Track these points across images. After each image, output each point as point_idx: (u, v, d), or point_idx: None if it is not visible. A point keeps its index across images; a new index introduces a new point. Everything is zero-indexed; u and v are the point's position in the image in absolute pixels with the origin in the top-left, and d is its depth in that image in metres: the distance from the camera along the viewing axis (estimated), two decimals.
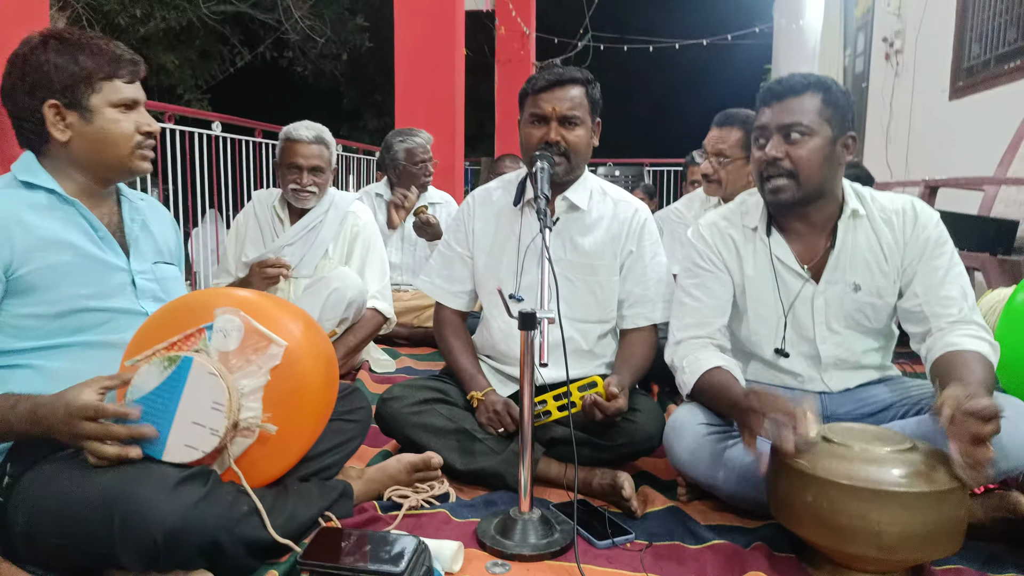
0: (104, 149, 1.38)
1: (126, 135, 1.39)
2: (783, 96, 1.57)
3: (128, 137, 1.39)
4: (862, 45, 6.27)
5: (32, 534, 1.17)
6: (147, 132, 1.42)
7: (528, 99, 1.83)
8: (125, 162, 1.41)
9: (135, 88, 1.41)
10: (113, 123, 1.38)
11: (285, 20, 11.44)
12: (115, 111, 1.38)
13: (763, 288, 1.67)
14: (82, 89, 1.35)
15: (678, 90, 15.51)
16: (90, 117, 1.36)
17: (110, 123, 1.38)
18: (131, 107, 1.41)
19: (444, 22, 5.11)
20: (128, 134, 1.39)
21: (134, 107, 1.41)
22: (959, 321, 1.52)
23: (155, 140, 1.45)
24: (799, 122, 1.54)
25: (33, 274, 1.28)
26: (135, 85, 1.42)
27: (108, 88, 1.37)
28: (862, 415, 1.63)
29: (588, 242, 1.88)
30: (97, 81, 1.36)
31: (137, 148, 1.41)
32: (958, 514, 1.19)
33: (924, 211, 1.62)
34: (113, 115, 1.38)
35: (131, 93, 1.40)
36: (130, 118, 1.40)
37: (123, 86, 1.39)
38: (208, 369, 1.21)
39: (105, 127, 1.37)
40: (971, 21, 4.43)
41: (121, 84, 1.39)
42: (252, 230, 2.64)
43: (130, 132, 1.39)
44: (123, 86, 1.39)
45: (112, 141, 1.38)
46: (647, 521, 1.54)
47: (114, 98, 1.38)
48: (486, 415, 1.74)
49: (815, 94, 1.55)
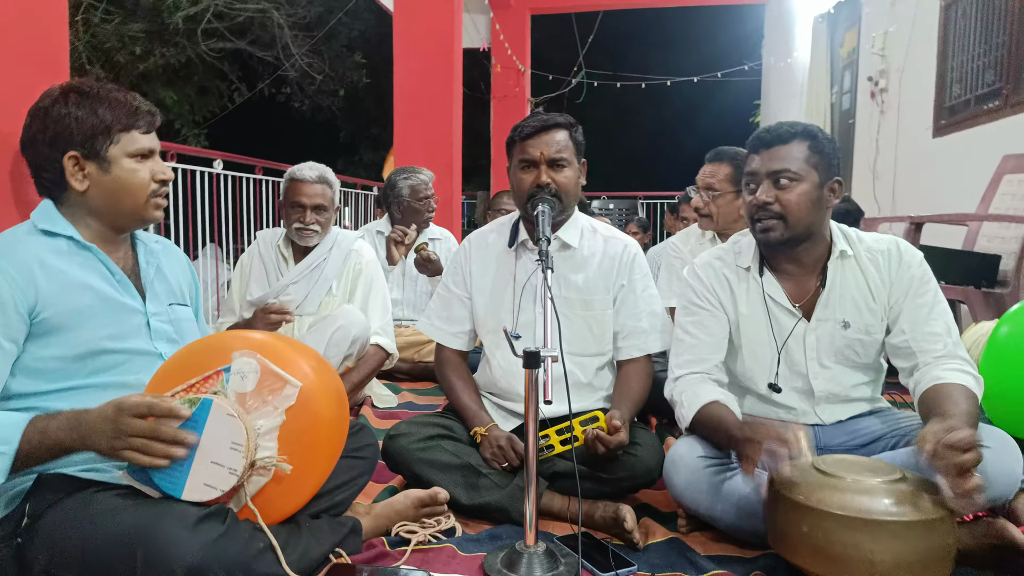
0: (121, 198, 1.42)
1: (142, 184, 1.43)
2: (771, 144, 1.65)
3: (144, 186, 1.43)
4: (848, 83, 6.43)
5: (53, 572, 1.20)
6: (162, 180, 1.46)
7: (516, 146, 1.90)
8: (139, 211, 1.44)
9: (151, 138, 1.46)
10: (130, 173, 1.42)
11: (284, 58, 11.63)
12: (132, 161, 1.42)
13: (756, 326, 1.74)
14: (101, 140, 1.39)
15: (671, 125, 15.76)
16: (108, 167, 1.40)
17: (127, 173, 1.42)
18: (147, 156, 1.45)
19: (442, 60, 5.22)
20: (144, 183, 1.43)
21: (150, 156, 1.45)
22: (944, 356, 1.59)
23: (167, 189, 1.49)
24: (788, 169, 1.62)
25: (56, 317, 1.32)
26: (151, 135, 1.46)
27: (126, 139, 1.41)
28: (854, 446, 1.68)
29: (581, 279, 1.94)
30: (116, 133, 1.40)
31: (152, 196, 1.45)
32: (947, 541, 1.24)
33: (908, 251, 1.70)
34: (130, 165, 1.42)
35: (148, 143, 1.44)
36: (146, 167, 1.44)
37: (140, 137, 1.43)
38: (227, 411, 1.25)
39: (122, 176, 1.41)
40: (951, 62, 4.58)
41: (138, 135, 1.43)
42: (256, 269, 2.69)
43: (146, 181, 1.43)
44: (140, 137, 1.43)
45: (129, 191, 1.42)
46: (649, 553, 1.58)
47: (131, 148, 1.42)
48: (490, 450, 1.78)
49: (802, 142, 1.63)
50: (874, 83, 5.48)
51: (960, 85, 4.47)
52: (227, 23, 11.23)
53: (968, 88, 4.36)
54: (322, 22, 11.73)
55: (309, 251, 2.65)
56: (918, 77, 4.89)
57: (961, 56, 4.45)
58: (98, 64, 9.82)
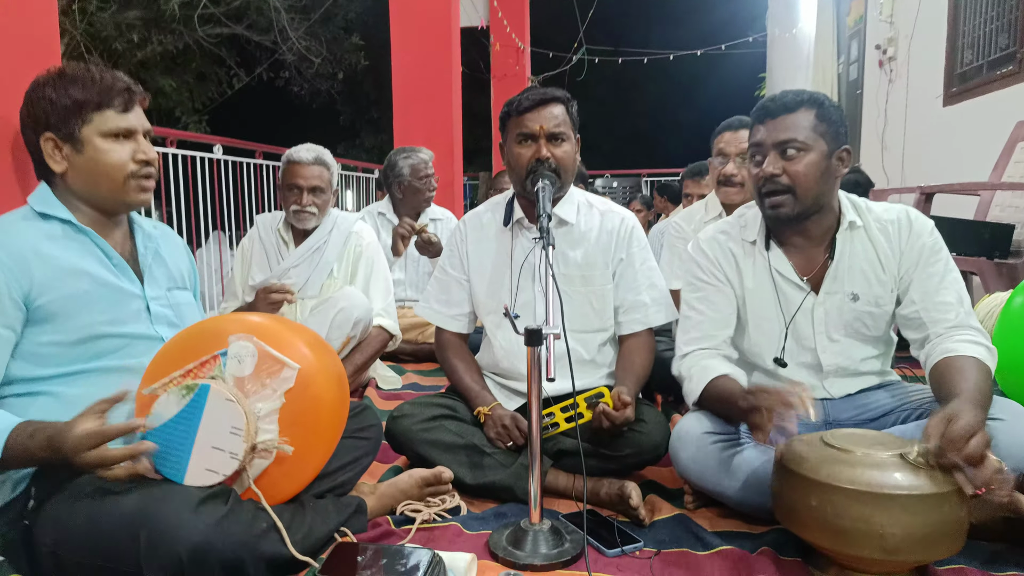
0: (97, 180, 1.38)
1: (117, 165, 1.37)
2: (777, 113, 1.60)
3: (120, 167, 1.37)
4: (855, 53, 6.33)
5: (60, 554, 1.20)
6: (143, 161, 1.39)
7: (512, 120, 1.86)
8: (119, 194, 1.39)
9: (130, 117, 1.39)
10: (104, 153, 1.37)
11: (281, 42, 11.55)
12: (106, 141, 1.37)
13: (763, 300, 1.71)
14: (74, 121, 1.36)
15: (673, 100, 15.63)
16: (82, 148, 1.37)
17: (101, 153, 1.37)
18: (127, 136, 1.39)
19: (440, 40, 5.17)
20: (120, 163, 1.37)
21: (130, 136, 1.39)
22: (956, 326, 1.55)
23: (154, 169, 1.43)
24: (794, 138, 1.58)
25: (52, 303, 1.31)
26: (132, 113, 1.40)
27: (99, 119, 1.36)
28: (863, 420, 1.66)
29: (579, 254, 1.92)
30: (88, 112, 1.36)
31: (131, 178, 1.39)
32: (959, 515, 1.22)
33: (919, 220, 1.66)
34: (104, 145, 1.37)
35: (124, 123, 1.38)
36: (125, 147, 1.38)
37: (114, 115, 1.37)
38: (225, 395, 1.24)
39: (96, 157, 1.37)
40: (963, 28, 4.49)
41: (113, 114, 1.37)
42: (258, 254, 2.68)
43: (123, 161, 1.38)
44: (114, 115, 1.37)
45: (103, 172, 1.37)
46: (655, 529, 1.57)
47: (104, 128, 1.37)
48: (494, 429, 1.77)
49: (808, 110, 1.59)
50: (882, 51, 5.39)
51: (972, 51, 4.38)
52: (223, 8, 11.14)
53: (980, 53, 4.27)
54: (318, 4, 11.62)
55: (309, 234, 2.63)
56: (928, 44, 4.80)
57: (973, 20, 4.36)
58: (96, 53, 9.76)
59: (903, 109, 5.12)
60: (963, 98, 4.40)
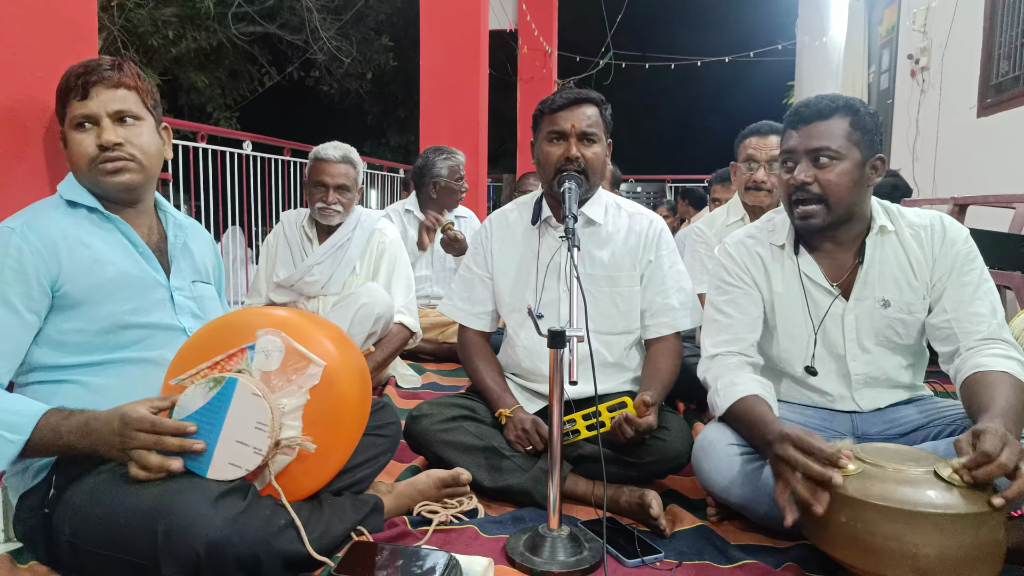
0: (75, 169, 1.40)
1: (81, 153, 1.37)
2: (810, 120, 1.56)
3: (83, 155, 1.37)
4: (887, 62, 6.24)
5: (77, 544, 1.21)
6: (100, 145, 1.36)
7: (544, 119, 1.86)
8: (91, 180, 1.39)
9: (89, 103, 1.36)
10: (72, 143, 1.38)
11: (313, 41, 11.66)
12: (73, 131, 1.37)
13: (792, 306, 1.67)
14: (61, 115, 1.40)
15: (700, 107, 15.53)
16: (65, 140, 1.40)
17: (71, 144, 1.38)
18: (90, 122, 1.36)
19: (469, 42, 5.17)
20: (82, 152, 1.37)
21: (92, 122, 1.37)
22: (988, 339, 1.50)
23: (120, 152, 1.37)
24: (828, 146, 1.54)
25: (78, 290, 1.32)
26: (91, 99, 1.36)
27: (69, 109, 1.38)
28: (893, 436, 1.62)
29: (606, 255, 1.90)
30: (63, 107, 1.39)
31: (94, 163, 1.36)
32: (997, 537, 1.17)
33: (953, 226, 1.61)
34: (72, 136, 1.37)
35: (82, 109, 1.36)
36: (88, 135, 1.36)
37: (76, 103, 1.36)
38: (252, 390, 1.24)
39: (70, 148, 1.38)
40: (999, 38, 4.40)
41: (76, 103, 1.36)
42: (282, 250, 2.70)
43: (85, 150, 1.36)
44: (76, 103, 1.36)
45: (74, 162, 1.39)
46: (676, 540, 1.53)
47: (70, 116, 1.37)
48: (514, 433, 1.75)
49: (843, 117, 1.55)
50: (915, 61, 5.31)
51: (1008, 61, 4.28)
52: (257, 7, 11.28)
53: (1017, 64, 4.18)
54: (350, 5, 11.71)
55: (333, 231, 2.64)
56: (962, 54, 4.71)
57: (1010, 31, 4.27)
58: (132, 48, 9.91)
59: (935, 120, 5.03)
60: (998, 109, 4.31)
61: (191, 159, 4.13)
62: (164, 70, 10.89)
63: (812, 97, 1.61)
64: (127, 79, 1.40)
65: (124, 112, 1.39)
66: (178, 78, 11.47)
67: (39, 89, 1.49)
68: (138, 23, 10.07)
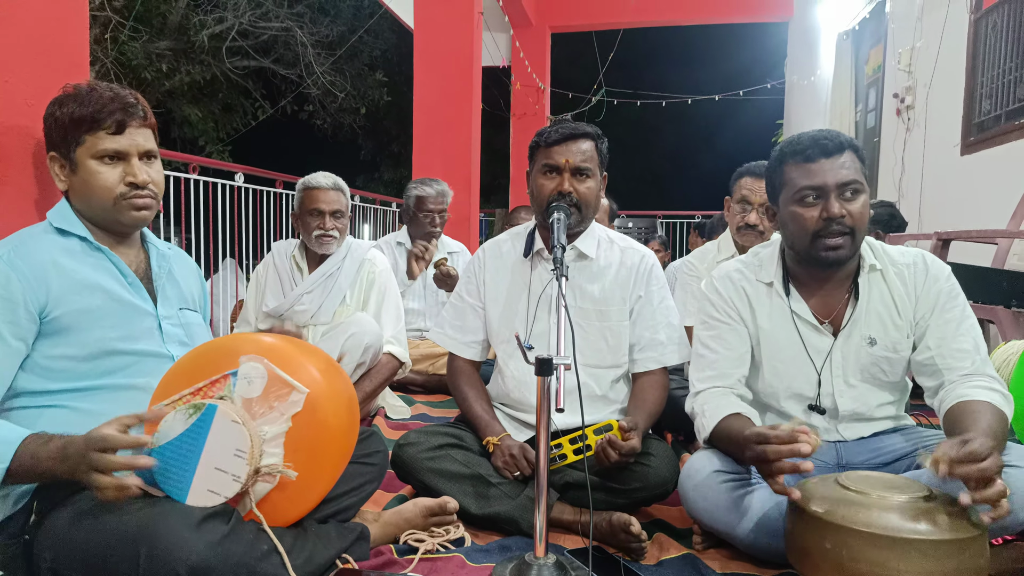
0: (91, 201, 1.39)
1: (106, 187, 1.37)
2: (832, 152, 1.55)
3: (109, 189, 1.37)
4: (873, 101, 6.36)
5: (59, 571, 1.19)
6: (132, 183, 1.38)
7: (540, 152, 1.89)
8: (112, 214, 1.39)
9: (122, 139, 1.38)
10: (94, 175, 1.37)
11: (307, 75, 11.80)
12: (96, 163, 1.37)
13: (779, 342, 1.68)
14: (70, 142, 1.37)
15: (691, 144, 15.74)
16: (76, 169, 1.38)
17: (91, 175, 1.37)
18: (119, 158, 1.38)
19: (462, 78, 5.25)
20: (108, 186, 1.37)
21: (121, 158, 1.38)
22: (971, 374, 1.53)
23: (150, 190, 1.41)
24: (856, 179, 1.54)
25: (66, 316, 1.32)
26: (125, 136, 1.38)
27: (91, 140, 1.36)
28: (877, 464, 1.62)
29: (597, 289, 1.91)
30: (82, 134, 1.36)
31: (121, 199, 1.38)
32: (979, 563, 1.18)
33: (935, 264, 1.64)
34: (94, 167, 1.37)
35: (114, 144, 1.37)
36: (115, 170, 1.38)
37: (107, 137, 1.37)
38: (232, 417, 1.23)
39: (87, 179, 1.37)
40: (980, 78, 4.51)
41: (105, 135, 1.36)
42: (272, 281, 2.71)
43: (111, 184, 1.37)
44: (107, 137, 1.37)
45: (94, 193, 1.37)
46: (662, 568, 1.53)
47: (95, 149, 1.37)
48: (502, 459, 1.75)
49: (851, 151, 1.56)
50: (900, 100, 5.42)
51: (990, 101, 4.39)
52: (251, 41, 11.44)
53: (999, 103, 4.28)
54: (344, 40, 11.90)
55: (323, 261, 2.65)
56: (946, 93, 4.82)
57: (992, 71, 4.38)
58: (126, 81, 10.02)
59: (920, 157, 5.12)
60: (981, 147, 4.40)
61: (182, 190, 4.15)
62: (157, 103, 10.97)
63: (814, 131, 1.60)
64: (151, 118, 1.44)
65: (150, 152, 1.43)
66: (171, 111, 11.55)
67: (28, 117, 1.50)
68: (132, 56, 10.18)
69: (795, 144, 1.60)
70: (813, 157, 1.56)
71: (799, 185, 1.57)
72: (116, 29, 9.57)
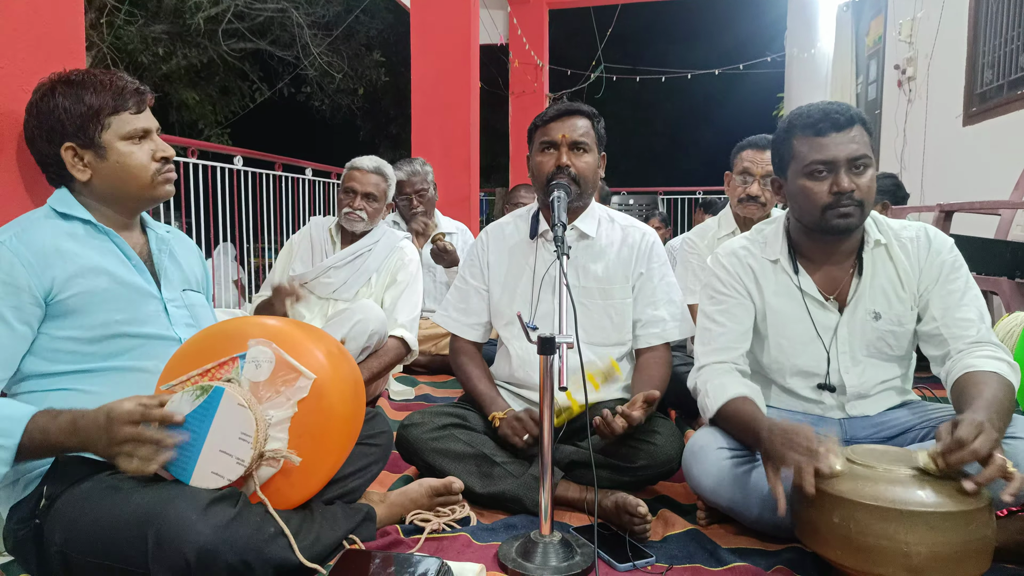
0: (125, 182, 1.42)
1: (142, 165, 1.42)
2: (843, 126, 1.53)
3: (145, 167, 1.42)
4: (874, 73, 6.31)
5: (68, 553, 1.20)
6: (163, 158, 1.44)
7: (538, 131, 1.90)
8: (147, 191, 1.44)
9: (144, 117, 1.43)
10: (127, 156, 1.41)
11: (304, 57, 11.70)
12: (127, 143, 1.41)
13: (786, 318, 1.68)
14: (92, 128, 1.38)
15: (691, 119, 15.64)
16: (104, 154, 1.39)
17: (124, 156, 1.40)
18: (144, 136, 1.43)
19: (459, 57, 5.20)
20: (144, 164, 1.42)
21: (146, 136, 1.44)
22: (977, 342, 1.53)
23: (172, 164, 1.47)
24: (865, 154, 1.54)
25: (72, 299, 1.32)
26: (144, 114, 1.44)
27: (116, 122, 1.40)
28: (882, 439, 1.63)
29: (600, 268, 1.92)
30: (105, 117, 1.39)
31: (157, 175, 1.44)
32: (986, 533, 1.19)
33: (938, 237, 1.63)
34: (126, 148, 1.41)
35: (140, 123, 1.42)
36: (144, 148, 1.43)
37: (131, 118, 1.41)
38: (238, 400, 1.23)
39: (121, 161, 1.40)
40: (983, 47, 4.46)
41: (129, 116, 1.41)
42: (304, 249, 2.78)
43: (146, 161, 1.42)
44: (131, 118, 1.41)
45: (131, 174, 1.41)
46: (667, 544, 1.54)
47: (123, 131, 1.40)
48: (509, 425, 1.75)
49: (861, 125, 1.56)
50: (901, 71, 5.37)
51: (992, 70, 4.34)
52: (247, 23, 11.30)
53: (1000, 73, 4.24)
54: (340, 21, 11.77)
55: (357, 239, 2.72)
56: (947, 64, 4.77)
57: (993, 40, 4.33)
58: (122, 65, 9.93)
59: (922, 129, 5.08)
60: (983, 118, 4.36)
61: (181, 174, 4.14)
62: (154, 87, 10.82)
63: (823, 104, 1.58)
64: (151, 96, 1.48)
65: (158, 128, 1.48)
66: (168, 95, 11.47)
67: (23, 103, 1.48)
68: (127, 40, 10.08)
69: (805, 117, 1.58)
70: (824, 131, 1.54)
71: (809, 159, 1.56)
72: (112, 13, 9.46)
